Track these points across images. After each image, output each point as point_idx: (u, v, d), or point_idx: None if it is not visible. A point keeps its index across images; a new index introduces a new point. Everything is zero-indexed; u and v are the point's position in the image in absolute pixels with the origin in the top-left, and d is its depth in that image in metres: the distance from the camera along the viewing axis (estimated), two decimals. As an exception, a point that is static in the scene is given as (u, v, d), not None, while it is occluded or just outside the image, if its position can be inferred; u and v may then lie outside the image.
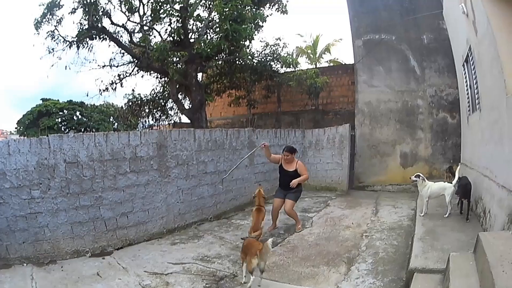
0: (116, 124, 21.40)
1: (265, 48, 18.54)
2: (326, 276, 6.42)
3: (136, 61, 17.50)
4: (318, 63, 30.35)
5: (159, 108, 21.28)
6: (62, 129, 39.35)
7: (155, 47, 14.92)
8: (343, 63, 26.87)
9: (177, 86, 17.63)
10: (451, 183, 8.58)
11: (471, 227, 7.36)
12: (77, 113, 43.02)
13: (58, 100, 42.45)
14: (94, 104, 24.11)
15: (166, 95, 20.22)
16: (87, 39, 16.14)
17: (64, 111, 42.02)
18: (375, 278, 6.22)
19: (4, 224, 6.88)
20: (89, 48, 16.52)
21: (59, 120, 41.56)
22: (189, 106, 18.24)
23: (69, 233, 7.40)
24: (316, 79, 18.08)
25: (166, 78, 18.24)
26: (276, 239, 8.31)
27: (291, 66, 18.37)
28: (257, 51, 18.72)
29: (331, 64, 29.37)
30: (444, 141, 14.59)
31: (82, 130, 38.63)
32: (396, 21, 15.46)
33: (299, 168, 9.33)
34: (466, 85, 10.38)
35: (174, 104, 20.11)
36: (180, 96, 19.31)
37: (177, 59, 17.25)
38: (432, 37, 14.92)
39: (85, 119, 42.33)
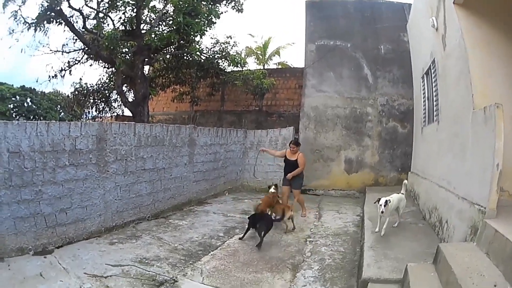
0: (62, 113, 20.63)
1: (215, 45, 18.31)
2: (271, 283, 6.13)
3: (86, 48, 17.03)
4: (266, 64, 30.12)
5: (103, 99, 20.64)
6: (13, 116, 38.85)
7: (106, 35, 14.36)
8: (292, 66, 26.75)
9: (123, 77, 17.00)
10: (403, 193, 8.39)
11: (425, 236, 7.21)
12: (28, 100, 42.29)
13: (12, 85, 41.87)
14: (43, 91, 23.17)
15: (112, 86, 19.60)
16: (45, 22, 15.57)
17: (17, 96, 41.54)
18: (323, 286, 6.00)
19: None
20: (45, 31, 15.94)
21: (11, 106, 41.06)
22: (132, 99, 17.76)
23: (13, 229, 6.87)
24: (263, 79, 17.86)
25: (113, 69, 17.70)
26: (215, 242, 8.26)
27: (239, 65, 18.14)
28: (206, 47, 18.49)
29: (280, 67, 29.19)
30: (393, 149, 14.67)
31: (31, 117, 37.77)
32: (355, 29, 15.50)
33: (299, 160, 10.54)
34: (424, 97, 10.43)
35: (118, 96, 19.35)
36: (125, 89, 18.80)
37: (127, 49, 16.68)
38: (390, 48, 15.05)
39: (34, 107, 41.55)
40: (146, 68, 18.98)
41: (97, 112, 21.01)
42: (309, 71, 15.86)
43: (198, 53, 17.55)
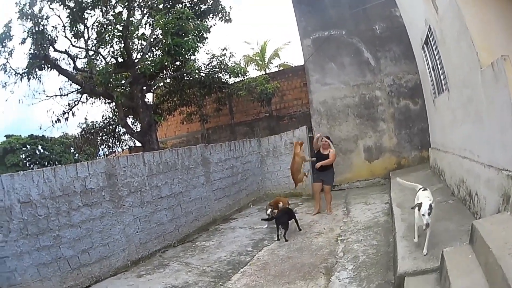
0: (77, 155, 20.70)
1: (211, 60, 18.10)
2: (305, 292, 5.71)
3: (80, 88, 16.88)
4: (267, 69, 29.80)
5: (111, 134, 20.49)
6: (27, 165, 39.60)
7: (98, 71, 14.24)
8: (293, 66, 26.19)
9: (125, 109, 16.94)
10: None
11: (457, 213, 6.70)
12: (39, 147, 42.80)
13: (20, 135, 42.50)
14: (54, 137, 23.35)
15: (117, 120, 19.38)
16: (36, 70, 15.53)
17: (27, 146, 42.14)
18: (360, 285, 5.61)
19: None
20: (38, 78, 15.88)
21: (23, 156, 41.74)
22: (139, 129, 17.60)
23: (37, 276, 6.82)
24: (266, 85, 17.58)
25: (113, 103, 17.49)
26: (244, 258, 7.93)
27: (240, 75, 17.90)
28: (204, 64, 18.28)
29: (281, 68, 28.64)
30: (409, 128, 14.22)
31: (46, 164, 38.47)
32: (346, 15, 15.08)
33: (330, 153, 10.64)
34: (428, 68, 9.95)
35: (124, 129, 19.21)
36: (130, 120, 18.84)
37: (123, 81, 16.50)
38: (385, 26, 14.62)
39: (47, 153, 42.10)
40: (150, 96, 18.94)
41: (108, 148, 20.91)
42: (310, 67, 15.51)
43: (196, 71, 17.29)
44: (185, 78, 17.97)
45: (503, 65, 4.52)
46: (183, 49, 14.33)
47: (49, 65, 15.51)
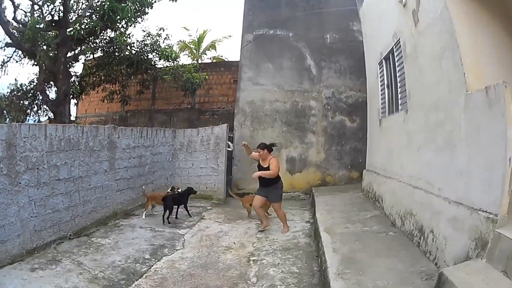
0: (7, 119, 18.96)
1: (146, 37, 17.32)
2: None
3: (10, 41, 15.51)
4: (200, 59, 28.63)
5: (32, 100, 18.82)
6: None
7: (30, 24, 13.18)
8: (227, 60, 25.65)
9: (46, 74, 15.63)
10: None
11: (403, 248, 5.85)
12: None
13: None
14: None
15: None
16: None
17: None
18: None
19: None
20: None
21: None
22: (53, 98, 16.37)
23: None
24: (194, 73, 16.93)
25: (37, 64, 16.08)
26: (140, 267, 6.92)
27: (170, 59, 17.24)
28: (137, 40, 17.51)
29: (214, 61, 28.10)
30: (341, 145, 13.78)
31: None
32: (298, 18, 14.54)
33: (271, 165, 8.95)
34: (382, 85, 9.43)
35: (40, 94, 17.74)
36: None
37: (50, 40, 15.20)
38: (337, 37, 14.28)
39: None
40: (80, 66, 18.01)
41: (32, 115, 19.17)
42: (245, 63, 14.78)
43: (128, 47, 16.72)
44: (116, 54, 17.08)
45: (502, 92, 3.93)
46: (118, 16, 13.51)
47: None
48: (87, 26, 14.02)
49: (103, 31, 15.65)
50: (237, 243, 8.09)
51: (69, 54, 15.66)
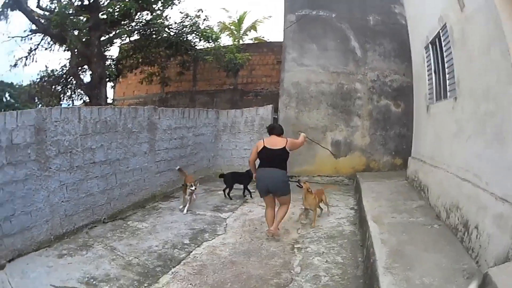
0: (40, 105, 19.51)
1: (184, 19, 17.23)
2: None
3: (36, 28, 15.70)
4: (241, 40, 28.18)
5: (65, 85, 19.15)
6: None
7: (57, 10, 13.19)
8: (269, 41, 25.14)
9: (79, 59, 15.83)
10: None
11: (448, 243, 5.55)
12: (6, 95, 41.21)
13: None
14: (22, 84, 22.19)
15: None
16: (8, 9, 14.52)
17: None
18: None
19: None
20: (6, 19, 14.86)
21: None
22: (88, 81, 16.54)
23: None
24: (236, 54, 16.98)
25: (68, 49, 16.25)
26: (178, 253, 6.76)
27: (210, 40, 17.15)
28: (175, 22, 17.40)
29: (256, 42, 27.77)
30: (386, 130, 13.38)
31: None
32: None
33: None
34: (429, 70, 9.00)
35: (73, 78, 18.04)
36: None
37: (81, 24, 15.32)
38: (380, 20, 13.73)
39: (13, 101, 40.07)
40: (116, 50, 18.28)
41: (67, 100, 19.54)
42: (289, 43, 14.37)
43: (166, 29, 16.63)
44: (153, 36, 17.05)
45: None
46: None
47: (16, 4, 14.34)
48: (121, 9, 13.87)
49: (138, 14, 15.67)
50: (281, 229, 7.77)
51: (103, 38, 15.81)
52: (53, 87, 18.75)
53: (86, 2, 14.85)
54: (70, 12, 13.77)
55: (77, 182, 7.92)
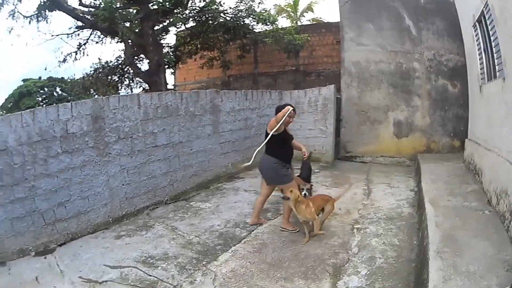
0: (95, 95, 20.40)
1: (239, 3, 17.42)
2: (302, 298, 4.80)
3: (83, 24, 16.32)
4: (299, 22, 28.60)
5: (121, 74, 19.89)
6: (43, 107, 39.63)
7: (103, 4, 13.55)
8: (327, 22, 25.03)
9: (135, 49, 16.44)
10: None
11: (495, 231, 5.51)
12: (57, 89, 42.74)
13: (40, 77, 42.29)
14: (74, 78, 23.22)
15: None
16: (46, 11, 14.97)
17: (45, 88, 42.15)
18: (371, 304, 4.58)
19: None
20: (46, 19, 15.35)
21: (40, 98, 41.61)
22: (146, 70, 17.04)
23: (11, 231, 6.39)
24: (296, 35, 16.95)
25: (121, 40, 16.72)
26: (240, 232, 7.04)
27: (268, 23, 17.26)
28: (230, 7, 17.55)
29: (314, 23, 27.75)
30: (444, 111, 13.09)
31: None
32: None
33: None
34: (479, 49, 8.79)
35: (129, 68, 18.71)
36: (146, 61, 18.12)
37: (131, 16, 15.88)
38: None
39: (65, 94, 41.75)
40: (172, 38, 18.62)
41: (124, 89, 20.38)
42: (346, 23, 14.40)
43: (221, 14, 16.86)
44: (209, 22, 17.30)
45: None
46: None
47: (53, 5, 14.83)
48: None
49: (190, 1, 16.02)
50: (342, 209, 7.95)
51: (156, 27, 16.22)
52: (109, 77, 19.46)
53: None
54: (118, 6, 14.12)
55: (139, 166, 8.38)
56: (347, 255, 5.83)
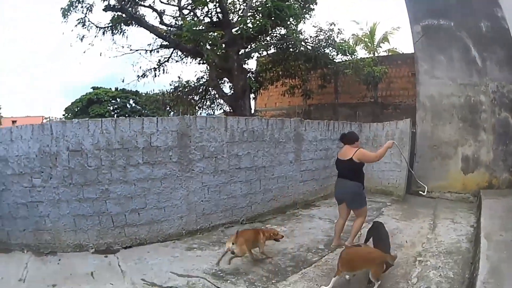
0: (171, 113, 21.30)
1: (318, 33, 17.86)
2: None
3: (166, 43, 17.39)
4: (376, 52, 28.45)
5: (203, 95, 20.83)
6: (115, 117, 40.79)
7: (187, 27, 14.32)
8: (402, 53, 24.92)
9: (219, 71, 17.15)
10: None
11: None
12: (131, 101, 44.51)
13: (110, 88, 44.12)
14: (148, 93, 24.38)
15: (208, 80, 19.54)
16: (122, 24, 16.24)
17: (117, 99, 43.82)
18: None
19: (6, 210, 7.34)
20: (123, 33, 16.65)
21: (111, 108, 43.28)
22: (231, 93, 17.76)
23: (71, 226, 7.29)
24: (374, 67, 17.33)
25: (204, 62, 17.66)
26: (312, 257, 7.41)
27: (347, 54, 17.60)
28: (310, 36, 18.09)
29: (389, 54, 27.65)
30: (506, 145, 12.80)
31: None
32: (451, 4, 13.93)
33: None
34: None
35: (214, 91, 19.48)
36: (228, 84, 19.15)
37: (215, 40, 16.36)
38: (489, 25, 13.13)
39: (139, 107, 43.42)
40: (252, 63, 19.17)
41: (203, 109, 21.35)
42: (420, 56, 14.59)
43: (302, 43, 17.19)
44: (290, 49, 17.78)
45: None
46: (285, 14, 14.28)
47: (133, 21, 15.99)
48: (255, 25, 14.83)
49: (273, 29, 16.53)
50: (408, 242, 8.22)
51: (240, 52, 16.76)
52: (190, 96, 20.46)
53: (214, 19, 16.32)
54: (201, 28, 14.89)
55: (220, 185, 9.07)
56: (407, 285, 6.24)
